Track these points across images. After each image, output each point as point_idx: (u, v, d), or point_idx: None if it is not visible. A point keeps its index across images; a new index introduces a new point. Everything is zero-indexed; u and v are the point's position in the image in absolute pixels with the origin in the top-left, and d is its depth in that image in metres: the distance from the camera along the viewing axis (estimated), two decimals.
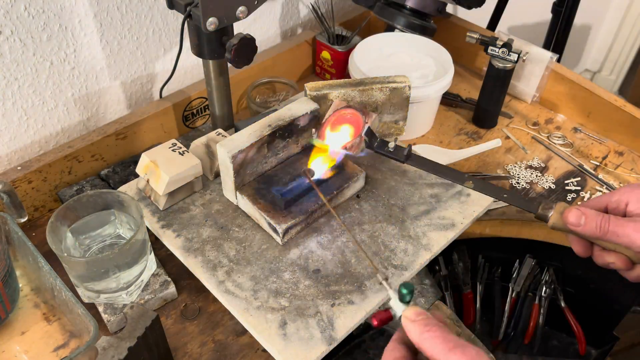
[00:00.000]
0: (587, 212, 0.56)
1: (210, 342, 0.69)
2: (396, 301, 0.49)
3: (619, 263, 0.56)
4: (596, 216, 0.56)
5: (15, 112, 0.82)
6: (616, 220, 0.55)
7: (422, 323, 0.46)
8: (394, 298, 0.49)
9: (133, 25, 0.88)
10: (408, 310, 0.47)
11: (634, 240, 0.53)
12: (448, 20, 1.15)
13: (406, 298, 0.48)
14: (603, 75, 2.30)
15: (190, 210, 0.75)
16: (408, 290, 0.48)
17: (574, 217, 0.57)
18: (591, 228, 0.56)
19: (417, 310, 0.47)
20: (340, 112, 0.73)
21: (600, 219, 0.55)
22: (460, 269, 1.01)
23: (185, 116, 0.96)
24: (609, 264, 0.57)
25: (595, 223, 0.55)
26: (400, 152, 0.68)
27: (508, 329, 1.04)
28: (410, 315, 0.47)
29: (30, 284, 0.74)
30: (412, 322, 0.46)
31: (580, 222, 0.56)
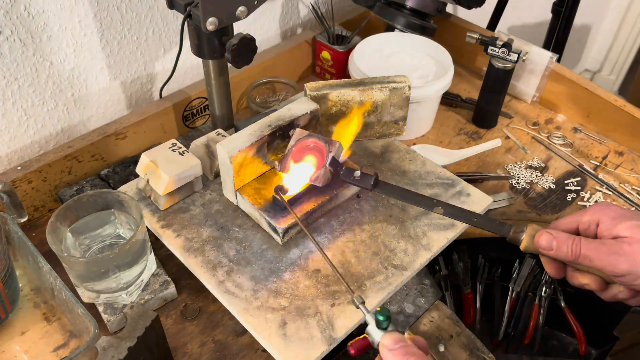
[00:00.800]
0: (559, 235, 0.56)
1: (210, 342, 0.69)
2: (374, 327, 0.47)
3: (592, 285, 0.56)
4: (567, 239, 0.55)
5: (15, 112, 0.82)
6: (587, 243, 0.55)
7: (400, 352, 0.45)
8: (372, 324, 0.48)
9: (133, 25, 0.88)
10: (386, 338, 0.46)
11: (606, 264, 0.53)
12: (448, 20, 1.15)
13: (383, 325, 0.47)
14: (603, 75, 2.30)
15: (190, 210, 0.75)
16: (385, 317, 0.47)
17: (545, 241, 0.56)
18: (563, 252, 0.55)
19: (395, 338, 0.46)
20: (303, 142, 0.71)
21: (571, 243, 0.55)
22: (460, 269, 1.01)
23: (185, 116, 0.96)
24: (583, 285, 0.57)
25: (567, 247, 0.55)
26: (367, 179, 0.67)
27: (508, 329, 1.03)
28: (387, 344, 0.46)
29: (30, 284, 0.74)
30: (390, 351, 0.45)
31: (552, 246, 0.56)
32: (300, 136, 0.71)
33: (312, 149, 0.71)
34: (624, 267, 0.53)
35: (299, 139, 0.71)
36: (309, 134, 0.71)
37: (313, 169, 0.70)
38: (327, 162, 0.68)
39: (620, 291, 0.56)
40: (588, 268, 0.56)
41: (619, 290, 0.56)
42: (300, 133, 0.71)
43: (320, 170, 0.69)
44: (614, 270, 0.53)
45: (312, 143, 0.71)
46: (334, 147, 0.69)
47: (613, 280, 0.55)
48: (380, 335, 0.47)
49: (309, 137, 0.71)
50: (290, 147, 0.71)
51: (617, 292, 0.56)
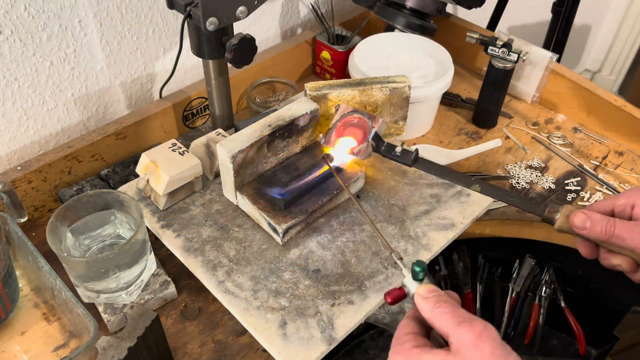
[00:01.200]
0: (593, 215, 0.57)
1: (210, 342, 0.69)
2: (409, 279, 0.49)
3: (624, 265, 0.57)
4: (601, 220, 0.56)
5: (15, 112, 0.82)
6: (621, 224, 0.55)
7: (433, 300, 0.47)
8: (408, 276, 0.50)
9: (133, 25, 0.88)
10: (421, 288, 0.48)
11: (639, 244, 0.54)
12: (448, 20, 1.15)
13: (419, 276, 0.49)
14: (603, 75, 2.30)
15: (190, 210, 0.75)
16: (421, 268, 0.49)
17: (579, 220, 0.57)
18: (597, 232, 0.56)
19: (430, 288, 0.48)
20: (348, 117, 0.73)
21: (606, 223, 0.56)
22: (460, 269, 1.01)
23: (185, 116, 0.96)
24: (615, 267, 0.58)
25: (601, 227, 0.56)
26: (407, 155, 0.69)
27: (508, 329, 1.04)
28: (422, 293, 0.48)
29: (30, 284, 0.74)
30: (424, 299, 0.47)
31: (586, 226, 0.57)
32: (345, 111, 0.73)
33: (356, 125, 0.73)
34: None
35: (344, 114, 0.73)
36: (353, 110, 0.73)
37: (356, 143, 0.72)
38: (370, 137, 0.70)
39: None
40: (621, 249, 0.56)
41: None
42: (345, 108, 0.74)
43: (363, 144, 0.71)
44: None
45: (355, 119, 0.73)
46: (377, 122, 0.71)
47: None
48: (415, 286, 0.49)
49: (353, 112, 0.73)
50: (335, 121, 0.73)
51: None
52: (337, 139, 0.73)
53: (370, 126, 0.72)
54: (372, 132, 0.71)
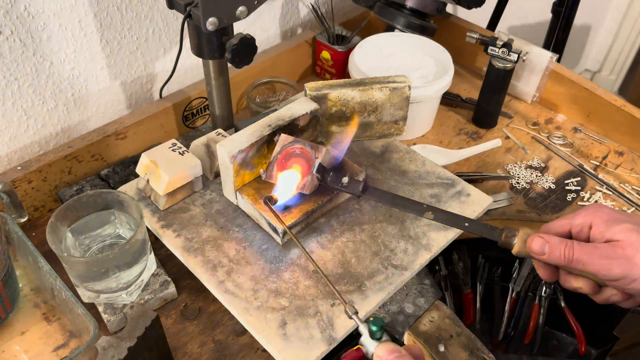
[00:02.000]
0: (551, 239, 0.56)
1: (210, 342, 0.69)
2: (367, 338, 0.47)
3: (586, 288, 0.56)
4: (560, 244, 0.55)
5: (15, 112, 0.82)
6: (580, 247, 0.54)
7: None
8: (365, 334, 0.47)
9: (133, 25, 0.88)
10: (380, 348, 0.46)
11: (599, 268, 0.53)
12: (448, 20, 1.15)
13: (377, 335, 0.46)
14: (603, 75, 2.30)
15: (190, 210, 0.75)
16: (378, 327, 0.46)
17: (537, 245, 0.56)
18: (555, 256, 0.55)
19: (389, 348, 0.46)
20: (289, 148, 0.69)
21: (564, 247, 0.55)
22: (460, 269, 1.01)
23: (185, 116, 0.96)
24: (576, 289, 0.57)
25: (559, 251, 0.55)
26: (355, 186, 0.66)
27: (508, 329, 1.03)
28: (382, 355, 0.45)
29: (30, 284, 0.74)
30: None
31: (544, 251, 0.56)
32: (285, 142, 0.69)
33: (298, 156, 0.69)
34: (618, 271, 0.52)
35: (284, 145, 0.69)
36: (294, 140, 0.69)
37: (299, 176, 0.69)
38: (314, 170, 0.67)
39: (613, 294, 0.56)
40: (581, 272, 0.55)
41: (612, 293, 0.56)
42: (285, 139, 0.69)
43: (307, 178, 0.68)
44: (607, 274, 0.53)
45: (297, 149, 0.69)
46: (320, 153, 0.68)
47: (606, 284, 0.55)
48: (374, 346, 0.46)
49: (295, 142, 0.69)
50: (276, 154, 0.69)
51: (610, 295, 0.56)
52: (279, 172, 0.69)
53: (314, 157, 0.67)
54: (316, 164, 0.67)
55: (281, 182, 0.69)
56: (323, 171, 0.67)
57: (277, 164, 0.69)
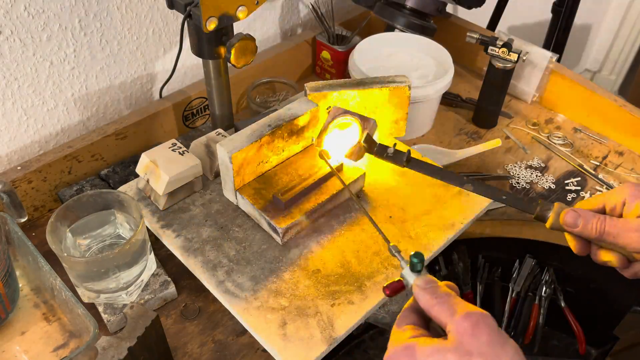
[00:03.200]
0: (584, 213, 0.57)
1: (210, 342, 0.69)
2: (408, 271, 0.50)
3: (616, 262, 0.58)
4: (592, 217, 0.57)
5: (15, 112, 0.82)
6: (612, 221, 0.56)
7: (431, 290, 0.47)
8: (406, 268, 0.50)
9: (133, 25, 0.88)
10: (419, 279, 0.49)
11: (629, 241, 0.55)
12: (448, 20, 1.15)
13: (417, 267, 0.49)
14: (603, 75, 2.30)
15: (190, 210, 0.75)
16: (419, 260, 0.49)
17: (570, 218, 0.58)
18: (587, 229, 0.57)
19: (427, 279, 0.49)
20: (339, 118, 0.73)
21: (596, 220, 0.56)
22: (460, 269, 1.01)
23: (185, 116, 0.96)
24: (606, 262, 0.58)
25: (592, 224, 0.57)
26: (399, 156, 0.68)
27: (508, 329, 1.04)
28: (420, 284, 0.48)
29: (30, 284, 0.74)
30: (422, 290, 0.48)
31: (577, 224, 0.57)
32: (337, 113, 0.73)
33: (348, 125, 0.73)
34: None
35: (335, 115, 0.73)
36: (344, 111, 0.73)
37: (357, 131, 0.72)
38: (363, 139, 0.69)
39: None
40: (612, 245, 0.57)
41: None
42: (336, 110, 0.73)
43: (355, 147, 0.70)
44: (636, 247, 0.54)
45: (347, 119, 0.73)
46: (368, 124, 0.71)
47: (636, 257, 0.56)
48: (414, 278, 0.49)
49: (345, 113, 0.73)
50: (327, 123, 0.73)
51: (638, 270, 0.58)
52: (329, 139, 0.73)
53: (362, 127, 0.71)
54: (364, 134, 0.70)
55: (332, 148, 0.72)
56: (370, 141, 0.69)
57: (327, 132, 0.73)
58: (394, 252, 0.53)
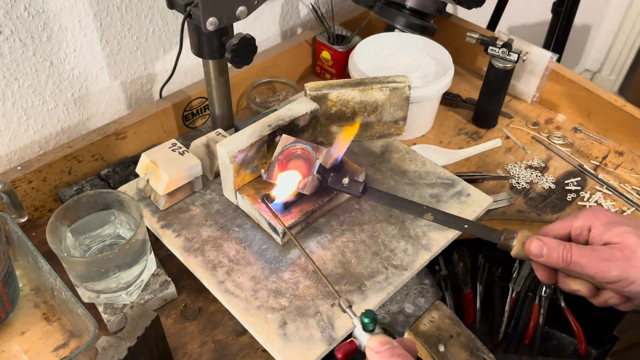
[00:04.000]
0: (549, 242, 0.56)
1: (210, 342, 0.69)
2: (360, 330, 0.47)
3: (584, 290, 0.56)
4: (558, 246, 0.55)
5: (15, 112, 0.82)
6: (578, 250, 0.54)
7: (386, 354, 0.45)
8: (358, 326, 0.47)
9: (133, 25, 0.88)
10: (372, 341, 0.46)
11: (597, 271, 0.53)
12: (448, 20, 1.15)
13: (369, 327, 0.47)
14: (603, 75, 2.30)
15: (190, 210, 0.75)
16: (370, 319, 0.46)
17: (535, 247, 0.56)
18: (553, 259, 0.55)
19: (382, 340, 0.46)
20: (290, 149, 0.69)
21: (562, 249, 0.55)
22: (460, 269, 1.01)
23: (185, 116, 0.96)
24: (574, 291, 0.57)
25: (557, 254, 0.55)
26: (355, 186, 0.66)
27: (508, 329, 1.04)
28: (374, 347, 0.46)
29: (30, 284, 0.74)
30: (377, 354, 0.45)
31: (542, 253, 0.56)
32: (287, 143, 0.69)
33: (299, 156, 0.69)
34: (615, 273, 0.52)
35: (286, 145, 0.69)
36: (295, 140, 0.69)
37: (300, 176, 0.69)
38: (314, 170, 0.67)
39: (611, 297, 0.56)
40: (579, 274, 0.55)
41: (610, 296, 0.56)
42: (286, 140, 0.70)
43: (308, 178, 0.68)
44: (605, 277, 0.53)
45: (299, 150, 0.69)
46: (320, 153, 0.68)
47: (604, 286, 0.55)
48: (367, 338, 0.46)
49: (296, 143, 0.69)
50: (277, 154, 0.69)
51: (608, 298, 0.56)
52: (280, 173, 0.69)
53: (315, 158, 0.68)
54: (316, 165, 0.67)
55: (281, 182, 0.69)
56: (324, 172, 0.67)
57: (278, 164, 0.69)
58: (345, 309, 0.50)
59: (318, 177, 0.67)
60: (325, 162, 0.68)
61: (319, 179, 0.67)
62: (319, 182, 0.68)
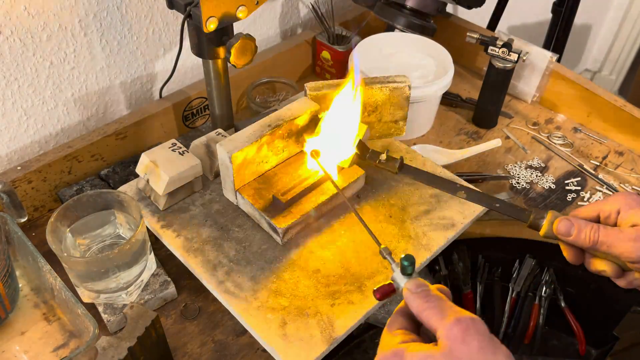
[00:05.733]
0: (577, 222, 0.56)
1: (210, 342, 0.69)
2: (399, 274, 0.49)
3: (609, 271, 0.57)
4: (586, 226, 0.56)
5: (15, 112, 0.82)
6: (605, 230, 0.55)
7: (421, 295, 0.47)
8: (397, 271, 0.49)
9: (133, 25, 0.88)
10: (409, 283, 0.48)
11: (623, 250, 0.54)
12: (448, 20, 1.15)
13: (408, 270, 0.48)
14: (603, 75, 2.30)
15: (190, 210, 0.75)
16: (409, 262, 0.48)
17: (563, 227, 0.57)
18: (581, 238, 0.56)
19: (418, 283, 0.48)
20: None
21: (590, 229, 0.56)
22: (460, 269, 1.01)
23: (185, 116, 0.96)
24: (600, 272, 0.58)
25: (585, 234, 0.56)
26: (392, 163, 0.67)
27: (508, 329, 1.04)
28: (411, 287, 0.47)
29: (30, 284, 0.74)
30: (413, 294, 0.47)
31: (571, 232, 0.56)
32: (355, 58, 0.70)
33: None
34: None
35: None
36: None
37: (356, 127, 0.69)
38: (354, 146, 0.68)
39: (636, 278, 0.57)
40: (606, 255, 0.56)
41: (635, 277, 0.57)
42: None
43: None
44: (630, 256, 0.54)
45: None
46: (360, 130, 0.69)
47: (630, 267, 0.56)
48: (404, 281, 0.48)
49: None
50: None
51: (633, 279, 0.57)
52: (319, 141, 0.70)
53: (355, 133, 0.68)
54: (356, 140, 0.68)
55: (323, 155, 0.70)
56: (362, 148, 0.68)
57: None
58: (385, 255, 0.52)
59: (357, 153, 0.68)
60: (364, 139, 0.69)
61: (358, 154, 0.68)
62: (358, 157, 0.68)
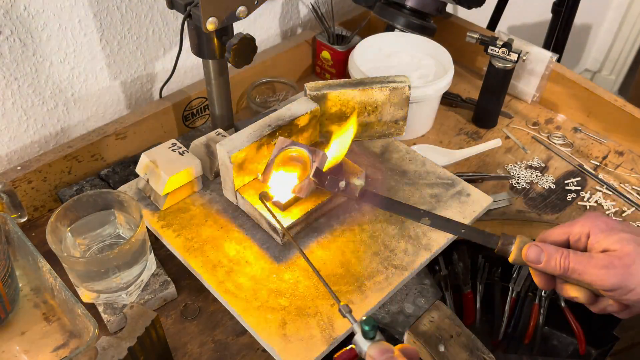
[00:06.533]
0: (547, 248, 0.55)
1: (210, 342, 0.69)
2: (360, 337, 0.47)
3: (582, 298, 0.55)
4: (555, 253, 0.54)
5: (15, 112, 0.82)
6: (576, 257, 0.54)
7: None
8: (359, 333, 0.47)
9: (133, 25, 0.88)
10: (372, 348, 0.46)
11: (595, 279, 0.52)
12: (448, 20, 1.15)
13: (370, 334, 0.46)
14: (603, 75, 2.30)
15: (190, 210, 0.75)
16: (370, 326, 0.46)
17: (533, 254, 0.55)
18: (551, 266, 0.55)
19: (382, 348, 0.45)
20: (286, 150, 0.68)
21: (560, 256, 0.54)
22: (460, 269, 1.01)
23: (185, 116, 0.96)
24: (572, 298, 0.56)
25: (555, 260, 0.54)
26: (352, 190, 0.64)
27: (508, 329, 1.03)
28: (374, 354, 0.45)
29: (30, 284, 0.74)
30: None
31: (540, 260, 0.55)
32: (283, 145, 0.68)
33: (295, 159, 0.68)
34: (613, 281, 0.52)
35: (282, 148, 0.68)
36: (291, 143, 0.68)
37: (296, 179, 0.68)
38: (311, 174, 0.65)
39: (609, 304, 0.55)
40: (577, 281, 0.55)
41: (608, 303, 0.55)
42: (282, 142, 0.69)
43: (304, 182, 0.67)
44: (603, 284, 0.52)
45: (295, 152, 0.68)
46: (317, 156, 0.67)
47: (602, 294, 0.55)
48: (367, 345, 0.46)
49: (292, 145, 0.68)
50: (273, 156, 0.68)
51: (606, 305, 0.56)
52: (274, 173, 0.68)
53: (311, 161, 0.66)
54: (312, 168, 0.65)
55: (276, 185, 0.69)
56: (320, 175, 0.66)
57: (274, 167, 0.69)
58: (345, 314, 0.49)
59: (314, 181, 0.65)
60: (321, 165, 0.67)
61: (315, 182, 0.65)
62: (316, 185, 0.66)
